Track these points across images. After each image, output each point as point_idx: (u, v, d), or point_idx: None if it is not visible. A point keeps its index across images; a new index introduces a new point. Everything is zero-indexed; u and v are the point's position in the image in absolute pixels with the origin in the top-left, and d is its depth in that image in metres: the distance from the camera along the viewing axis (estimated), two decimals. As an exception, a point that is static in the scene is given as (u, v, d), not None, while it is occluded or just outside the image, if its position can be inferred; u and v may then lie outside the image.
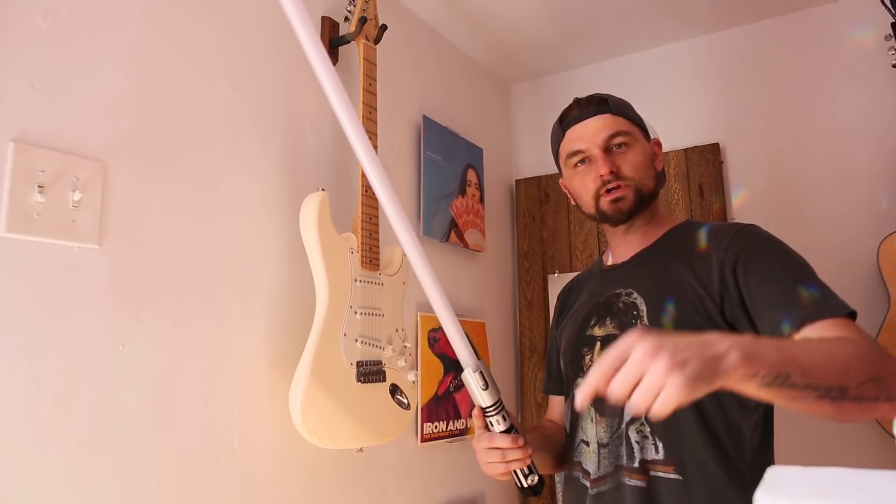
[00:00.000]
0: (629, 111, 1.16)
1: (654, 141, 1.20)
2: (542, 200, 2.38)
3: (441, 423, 1.84)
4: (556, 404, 1.29)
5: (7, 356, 0.96)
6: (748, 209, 2.03)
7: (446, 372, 1.88)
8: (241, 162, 1.36)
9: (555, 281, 2.29)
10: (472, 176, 2.14)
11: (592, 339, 1.12)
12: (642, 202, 1.12)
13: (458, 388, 1.91)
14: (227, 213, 1.32)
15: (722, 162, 2.08)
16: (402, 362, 1.47)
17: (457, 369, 0.94)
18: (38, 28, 1.04)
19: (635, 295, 1.09)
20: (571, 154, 1.15)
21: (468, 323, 2.05)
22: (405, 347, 1.49)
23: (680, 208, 2.10)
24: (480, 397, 0.94)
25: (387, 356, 1.44)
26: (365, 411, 1.36)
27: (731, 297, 0.99)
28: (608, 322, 1.10)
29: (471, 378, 0.93)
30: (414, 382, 1.51)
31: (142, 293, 1.14)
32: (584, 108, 1.15)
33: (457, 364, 0.94)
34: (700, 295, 1.01)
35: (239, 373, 1.29)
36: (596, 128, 1.12)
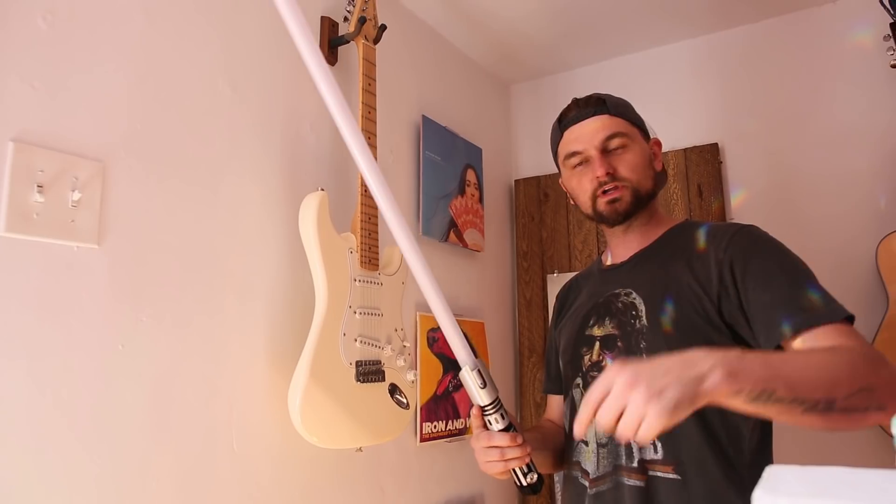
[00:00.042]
0: (628, 111, 1.16)
1: (654, 140, 1.20)
2: (541, 200, 2.39)
3: (440, 422, 1.84)
4: (555, 404, 1.29)
5: (6, 356, 0.96)
6: (747, 209, 2.03)
7: (445, 372, 1.88)
8: (240, 162, 1.36)
9: (554, 281, 2.29)
10: (471, 176, 2.15)
11: (591, 339, 1.12)
12: (640, 203, 1.12)
13: (457, 387, 1.91)
14: (226, 212, 1.32)
15: (721, 162, 2.09)
16: (401, 362, 1.47)
17: (456, 369, 0.94)
18: (38, 28, 1.04)
19: (634, 295, 1.09)
20: (569, 155, 1.16)
21: (467, 323, 2.05)
22: (404, 347, 1.49)
23: (679, 208, 2.10)
24: (478, 395, 0.94)
25: (386, 356, 1.44)
26: (364, 411, 1.36)
27: (728, 298, 1.00)
28: (607, 322, 1.10)
29: (468, 376, 0.93)
30: (413, 382, 1.52)
31: (141, 293, 1.14)
32: (581, 109, 1.15)
33: (456, 364, 0.94)
34: (699, 295, 1.01)
35: (238, 372, 1.29)
36: (593, 129, 1.13)
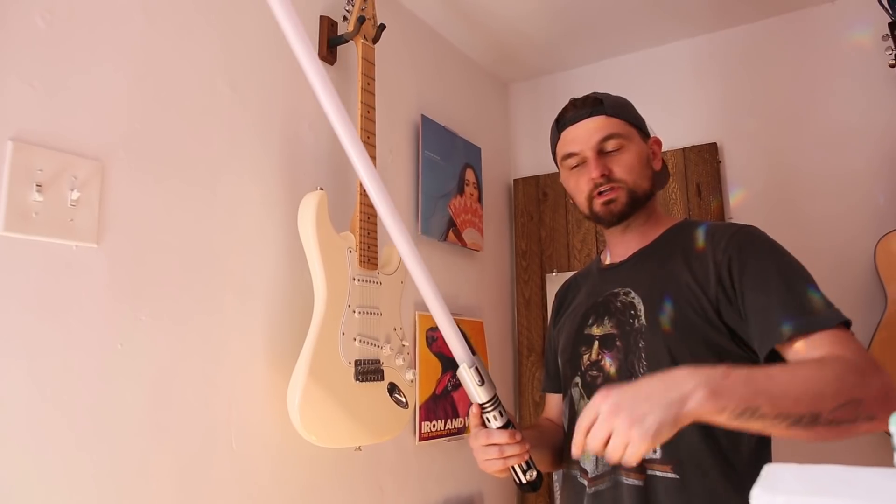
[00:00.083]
0: (625, 111, 1.16)
1: (653, 140, 1.20)
2: (540, 200, 2.39)
3: (439, 421, 1.84)
4: (554, 403, 1.29)
5: (6, 355, 0.96)
6: (746, 209, 2.03)
7: (444, 371, 1.88)
8: (239, 161, 1.36)
9: (553, 280, 2.29)
10: (470, 175, 2.15)
11: (590, 338, 1.12)
12: (636, 203, 1.12)
13: (455, 387, 1.91)
14: (225, 212, 1.32)
15: (720, 161, 2.09)
16: (400, 361, 1.47)
17: (454, 368, 0.94)
18: (37, 27, 1.04)
19: (633, 294, 1.09)
20: (566, 156, 1.16)
21: (466, 322, 2.05)
22: (403, 346, 1.49)
23: (677, 208, 2.10)
24: (476, 393, 0.94)
25: (385, 355, 1.44)
26: (363, 410, 1.36)
27: (726, 299, 1.00)
28: (606, 321, 1.10)
29: (466, 374, 0.93)
30: (412, 381, 1.52)
31: (140, 292, 1.14)
32: (578, 110, 1.15)
33: (455, 363, 0.94)
34: (697, 295, 1.02)
35: (237, 371, 1.29)
36: (589, 130, 1.12)
